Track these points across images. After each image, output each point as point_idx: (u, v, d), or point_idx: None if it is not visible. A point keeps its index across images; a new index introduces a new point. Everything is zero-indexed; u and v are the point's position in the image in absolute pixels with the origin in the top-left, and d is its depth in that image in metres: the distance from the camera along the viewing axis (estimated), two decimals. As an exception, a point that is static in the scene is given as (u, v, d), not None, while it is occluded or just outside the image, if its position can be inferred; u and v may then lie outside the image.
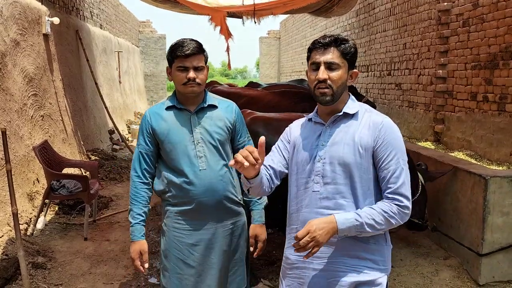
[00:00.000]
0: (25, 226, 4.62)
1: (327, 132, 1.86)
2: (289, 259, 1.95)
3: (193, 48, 2.15)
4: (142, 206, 2.27)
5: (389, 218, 1.74)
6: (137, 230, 2.26)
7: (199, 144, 2.21)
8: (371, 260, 1.83)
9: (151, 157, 2.29)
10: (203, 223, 2.26)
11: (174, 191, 2.24)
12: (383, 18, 8.47)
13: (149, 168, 2.30)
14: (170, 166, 2.24)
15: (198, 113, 2.25)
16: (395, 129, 1.84)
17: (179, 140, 2.21)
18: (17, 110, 5.21)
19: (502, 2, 5.09)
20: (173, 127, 2.23)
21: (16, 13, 5.56)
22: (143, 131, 2.29)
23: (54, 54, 7.00)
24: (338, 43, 1.80)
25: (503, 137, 5.05)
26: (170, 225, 2.30)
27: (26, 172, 5.10)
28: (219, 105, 2.31)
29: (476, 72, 5.58)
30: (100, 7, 11.28)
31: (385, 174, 1.79)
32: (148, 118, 2.29)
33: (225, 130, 2.27)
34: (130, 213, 2.29)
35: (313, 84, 1.81)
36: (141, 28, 20.37)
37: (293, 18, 18.06)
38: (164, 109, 2.27)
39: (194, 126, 2.23)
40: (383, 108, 8.31)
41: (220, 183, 2.23)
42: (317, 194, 1.83)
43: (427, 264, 4.02)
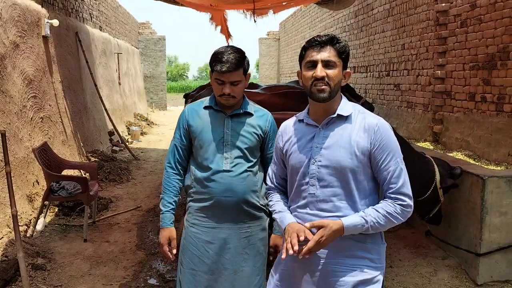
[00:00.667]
0: (24, 227, 4.64)
1: (321, 134, 1.85)
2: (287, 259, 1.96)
3: (231, 65, 2.18)
4: (173, 195, 2.37)
5: (393, 219, 1.78)
6: (167, 217, 2.35)
7: (227, 146, 2.28)
8: (368, 258, 1.84)
9: (184, 151, 2.39)
10: (220, 222, 2.32)
11: (197, 187, 2.33)
12: (381, 19, 8.50)
13: (182, 161, 2.40)
14: (198, 162, 2.33)
15: (232, 117, 2.32)
16: (389, 130, 1.85)
17: (210, 139, 2.30)
18: (16, 112, 5.22)
19: (500, 3, 5.11)
20: (207, 126, 2.31)
21: (15, 16, 5.58)
22: (179, 126, 2.39)
23: (54, 56, 7.01)
24: (334, 42, 1.81)
25: (501, 137, 5.06)
26: (190, 220, 2.38)
27: (25, 174, 5.11)
28: (255, 113, 2.37)
29: (474, 73, 5.60)
30: (99, 9, 11.31)
31: (385, 175, 1.80)
32: (186, 113, 2.38)
33: (255, 137, 2.33)
34: (161, 201, 2.38)
35: (309, 82, 1.80)
36: (141, 30, 20.40)
37: (293, 19, 18.09)
38: (202, 108, 2.36)
39: (227, 128, 2.30)
40: (382, 109, 8.33)
41: (240, 185, 2.28)
42: (313, 196, 1.85)
43: (425, 264, 4.03)
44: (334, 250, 1.82)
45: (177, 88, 38.41)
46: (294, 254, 1.75)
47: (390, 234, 4.69)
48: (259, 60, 24.80)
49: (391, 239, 4.58)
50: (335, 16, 11.65)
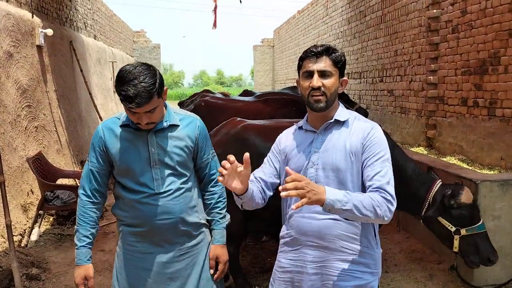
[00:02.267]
0: (19, 237, 4.61)
1: (319, 139, 1.91)
2: (281, 262, 1.98)
3: (141, 100, 1.88)
4: (90, 227, 2.12)
5: (375, 206, 1.69)
6: (82, 253, 2.10)
7: (155, 166, 2.06)
8: (363, 264, 1.87)
9: (102, 176, 2.13)
10: (157, 246, 2.11)
11: (128, 211, 2.12)
12: (374, 25, 8.57)
13: (100, 187, 2.14)
14: (125, 186, 2.10)
15: (156, 133, 2.07)
16: (383, 134, 1.91)
17: (134, 160, 2.06)
18: (10, 122, 5.22)
19: (490, 9, 5.18)
20: (128, 147, 2.06)
21: (9, 25, 5.59)
22: (95, 148, 2.11)
23: (48, 65, 7.02)
24: (329, 52, 1.87)
25: (494, 142, 5.11)
26: (123, 246, 2.16)
27: (20, 183, 5.10)
28: (181, 122, 2.13)
29: (466, 78, 5.66)
30: (94, 18, 11.33)
31: (370, 172, 1.80)
32: (101, 134, 2.10)
33: (185, 150, 2.11)
34: (76, 235, 2.12)
35: (306, 92, 1.86)
36: (136, 38, 20.45)
37: (287, 26, 18.20)
38: (119, 126, 2.08)
39: (152, 146, 2.06)
40: (376, 115, 8.37)
41: (176, 205, 2.08)
42: None
43: (421, 269, 4.04)
44: (330, 255, 1.86)
45: (173, 96, 38.41)
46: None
47: (385, 240, 4.70)
48: (253, 67, 24.89)
49: (386, 244, 4.59)
50: (329, 23, 11.74)
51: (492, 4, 5.15)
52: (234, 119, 3.48)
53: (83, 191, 2.13)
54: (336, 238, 1.85)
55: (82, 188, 2.14)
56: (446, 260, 4.11)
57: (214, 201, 2.26)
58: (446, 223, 3.13)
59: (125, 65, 1.97)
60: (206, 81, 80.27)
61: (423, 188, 3.23)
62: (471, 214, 3.13)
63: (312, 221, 1.86)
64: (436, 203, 3.15)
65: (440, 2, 6.25)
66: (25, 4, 6.43)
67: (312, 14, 13.72)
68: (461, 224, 3.11)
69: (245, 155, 1.72)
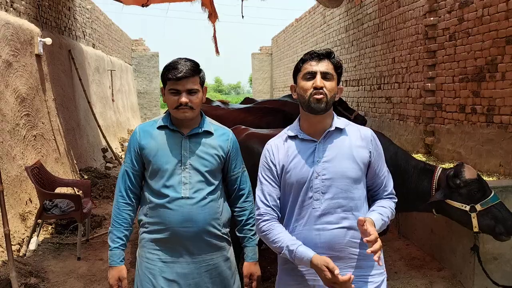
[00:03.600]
0: (17, 246, 4.59)
1: (321, 148, 1.87)
2: (287, 281, 1.93)
3: (187, 70, 2.00)
4: (124, 229, 2.13)
5: (393, 212, 1.96)
6: (115, 255, 2.12)
7: (186, 170, 2.06)
8: (372, 266, 1.89)
9: (137, 177, 2.14)
10: (178, 255, 2.08)
11: (151, 216, 2.10)
12: (371, 33, 8.62)
13: (134, 188, 2.14)
14: (153, 188, 2.09)
15: (191, 138, 2.10)
16: (378, 139, 2.00)
17: (166, 162, 2.06)
18: (9, 131, 5.21)
19: (487, 17, 5.22)
20: (162, 148, 2.08)
21: (8, 35, 5.61)
22: (130, 149, 2.15)
23: (47, 74, 7.03)
24: (331, 56, 1.89)
25: (492, 148, 5.12)
26: (143, 255, 2.14)
27: (18, 192, 5.08)
28: (215, 132, 2.15)
29: (463, 85, 5.68)
30: (92, 27, 11.38)
31: (382, 180, 1.99)
32: (137, 135, 2.14)
33: (216, 159, 2.12)
34: (109, 236, 2.14)
35: (308, 92, 1.83)
36: (134, 47, 20.50)
37: (284, 35, 18.29)
38: (156, 128, 2.12)
39: (185, 150, 2.07)
40: (375, 122, 8.39)
41: (201, 214, 2.06)
42: (317, 211, 1.85)
43: (421, 276, 4.03)
44: (341, 263, 1.83)
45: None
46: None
47: (385, 247, 4.69)
48: (252, 75, 24.96)
49: (386, 252, 4.59)
50: (326, 31, 11.80)
51: (489, 11, 5.19)
52: (238, 127, 3.47)
53: (119, 192, 2.14)
54: (346, 246, 1.85)
55: (118, 189, 2.15)
56: (446, 267, 4.11)
57: (245, 217, 2.23)
58: (459, 205, 3.07)
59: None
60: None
61: (425, 181, 3.23)
62: (480, 188, 3.06)
63: (322, 232, 1.84)
64: (441, 188, 3.13)
65: (437, 10, 6.30)
66: (24, 13, 6.46)
67: (309, 22, 13.79)
68: (473, 200, 3.05)
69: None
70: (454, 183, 3.06)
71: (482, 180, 3.14)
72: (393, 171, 3.23)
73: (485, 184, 3.13)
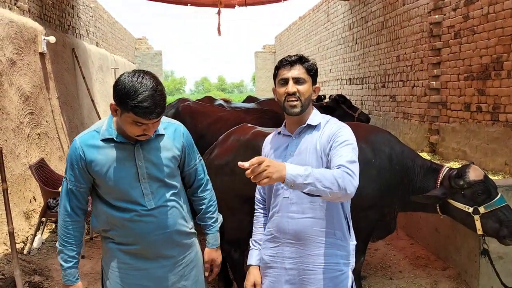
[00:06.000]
0: (21, 245, 4.60)
1: (294, 143, 2.03)
2: (263, 259, 2.09)
3: (159, 112, 1.82)
4: (75, 246, 2.02)
5: (337, 178, 1.69)
6: (71, 274, 2.02)
7: (144, 180, 1.95)
8: (338, 255, 1.99)
9: (83, 193, 2.01)
10: (151, 261, 2.03)
11: (118, 229, 2.00)
12: (376, 31, 8.58)
13: (81, 204, 2.02)
14: (111, 203, 1.98)
15: (142, 145, 1.96)
16: (350, 133, 1.96)
17: (122, 177, 1.93)
18: (13, 129, 5.22)
19: (492, 14, 5.18)
20: (114, 162, 1.93)
21: (12, 33, 5.61)
22: (73, 166, 1.96)
23: (50, 72, 7.04)
24: (302, 60, 2.01)
25: (498, 147, 5.09)
26: (114, 265, 2.04)
27: (22, 190, 5.09)
28: (166, 131, 2.04)
29: (469, 83, 5.65)
30: (96, 25, 11.39)
31: (335, 154, 1.85)
32: (80, 151, 1.94)
33: (173, 161, 2.03)
34: (60, 256, 2.02)
35: (282, 97, 1.99)
36: (137, 45, 20.54)
37: (288, 33, 18.25)
38: (100, 140, 1.95)
39: (139, 160, 1.95)
40: (379, 120, 8.36)
41: (169, 218, 2.01)
42: (287, 200, 1.99)
43: (425, 276, 4.01)
44: (306, 250, 1.97)
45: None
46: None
47: (389, 246, 4.67)
48: (255, 74, 24.95)
49: (390, 251, 4.57)
50: (330, 29, 11.77)
51: (494, 9, 5.16)
52: (244, 125, 3.46)
53: (64, 211, 2.01)
54: (311, 235, 1.96)
55: (63, 207, 2.01)
56: (451, 266, 4.08)
57: (205, 206, 2.22)
58: (462, 206, 2.99)
59: (125, 77, 1.84)
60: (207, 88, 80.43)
61: (431, 180, 3.17)
62: (485, 190, 2.97)
63: (290, 220, 1.97)
64: (443, 186, 3.07)
65: (442, 8, 6.26)
66: (28, 11, 6.46)
67: (313, 20, 13.76)
68: (477, 202, 2.96)
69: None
70: (456, 184, 2.99)
71: (488, 182, 3.04)
72: (400, 170, 3.23)
73: (492, 186, 3.03)
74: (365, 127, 3.42)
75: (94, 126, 2.02)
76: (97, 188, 2.01)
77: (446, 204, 3.11)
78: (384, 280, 3.95)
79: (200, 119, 4.96)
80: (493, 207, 2.96)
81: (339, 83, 10.97)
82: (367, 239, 3.29)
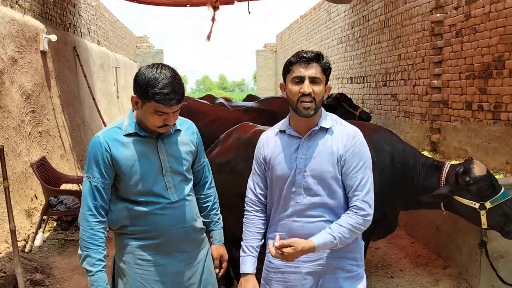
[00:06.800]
0: (23, 243, 4.61)
1: (304, 145, 1.92)
2: (273, 263, 2.04)
3: (179, 98, 1.88)
4: (102, 249, 1.98)
5: (356, 230, 1.86)
6: (100, 279, 1.96)
7: (167, 174, 2.00)
8: (352, 258, 1.98)
9: (107, 190, 1.98)
10: (170, 257, 2.05)
11: (138, 223, 2.01)
12: (377, 30, 8.57)
13: (105, 203, 1.98)
14: (133, 198, 1.99)
15: (163, 139, 2.02)
16: (364, 141, 1.94)
17: (147, 170, 1.96)
18: (15, 127, 5.23)
19: (494, 13, 5.17)
20: (139, 156, 1.96)
21: (13, 31, 5.61)
22: (98, 162, 1.93)
23: (52, 70, 7.04)
24: (320, 58, 1.88)
25: (499, 146, 5.08)
26: (131, 262, 2.04)
27: (24, 188, 5.10)
28: (181, 127, 2.10)
29: (470, 82, 5.64)
30: (97, 24, 11.39)
31: (353, 182, 1.89)
32: (105, 145, 1.94)
33: (190, 155, 2.10)
34: (86, 260, 1.94)
35: (295, 97, 1.86)
36: (139, 44, 20.53)
37: (289, 31, 18.24)
38: (123, 136, 1.97)
39: (162, 154, 2.00)
40: (380, 119, 8.35)
41: (189, 212, 2.07)
42: (300, 205, 1.93)
43: (426, 274, 4.01)
44: (322, 253, 1.94)
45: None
46: None
47: (390, 245, 4.67)
48: (256, 72, 24.93)
49: (391, 250, 4.57)
50: (331, 27, 11.75)
51: (496, 8, 5.14)
52: (245, 123, 3.47)
53: (88, 211, 1.95)
54: None
55: (87, 207, 1.95)
56: (452, 265, 4.08)
57: (211, 203, 2.27)
58: (468, 202, 3.01)
59: (144, 69, 1.90)
60: (208, 86, 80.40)
61: (434, 177, 3.17)
62: (489, 184, 3.00)
63: (304, 225, 1.92)
64: (449, 183, 3.07)
65: (444, 6, 6.25)
66: (29, 10, 6.46)
67: (314, 19, 13.74)
68: (483, 197, 2.98)
69: None
70: (463, 180, 2.99)
71: (492, 176, 3.08)
72: (402, 168, 3.22)
73: (495, 180, 3.07)
74: (367, 126, 3.42)
75: (115, 123, 2.05)
76: (117, 184, 2.01)
77: (451, 201, 3.12)
78: (385, 278, 3.95)
79: (199, 118, 4.99)
80: (498, 202, 2.99)
81: (340, 81, 10.96)
82: (368, 238, 3.29)
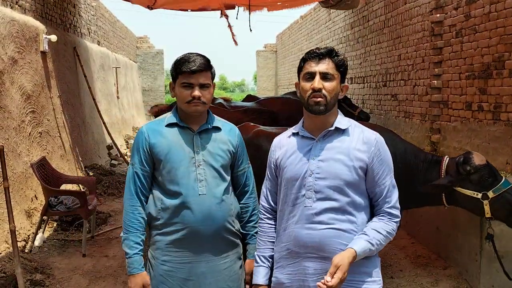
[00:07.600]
0: (23, 243, 4.61)
1: (318, 147, 1.84)
2: (279, 279, 1.91)
3: (200, 64, 2.00)
4: (140, 233, 2.04)
5: (390, 236, 1.84)
6: (136, 261, 2.02)
7: (200, 167, 2.03)
8: (365, 273, 1.83)
9: (147, 178, 2.08)
10: (197, 254, 2.04)
11: (167, 217, 2.03)
12: (377, 30, 8.57)
13: (145, 190, 2.08)
14: (166, 188, 2.04)
15: (201, 134, 2.08)
16: (385, 145, 1.89)
17: (180, 160, 2.03)
18: (15, 128, 5.23)
19: (494, 13, 5.16)
20: (174, 146, 2.04)
21: (13, 32, 5.61)
22: (139, 149, 2.06)
23: (52, 71, 7.04)
24: (332, 54, 1.82)
25: (499, 146, 5.08)
26: (159, 258, 2.07)
27: (24, 189, 5.10)
28: (223, 127, 2.15)
29: (470, 82, 5.63)
30: (97, 24, 11.39)
31: (382, 189, 1.84)
32: (145, 135, 2.07)
33: (227, 154, 2.11)
34: (125, 242, 2.03)
35: (307, 94, 1.80)
36: (139, 44, 20.52)
37: (289, 32, 18.24)
38: (164, 126, 2.08)
39: (197, 147, 2.05)
40: (380, 119, 8.35)
41: (219, 210, 2.04)
42: (309, 209, 1.81)
43: (426, 274, 4.01)
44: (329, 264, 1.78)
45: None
46: None
47: (390, 245, 4.67)
48: (256, 73, 24.92)
49: (391, 250, 4.57)
50: (331, 28, 11.75)
51: (496, 8, 5.14)
52: (247, 124, 3.47)
53: (129, 195, 2.06)
54: (336, 248, 1.78)
55: (129, 192, 2.06)
56: (452, 265, 4.08)
57: (249, 214, 2.22)
58: (470, 192, 3.01)
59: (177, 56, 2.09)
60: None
61: (434, 172, 3.19)
62: (490, 173, 3.01)
63: (312, 232, 1.80)
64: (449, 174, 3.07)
65: (444, 7, 6.24)
66: (29, 10, 6.47)
67: (314, 19, 13.74)
68: (485, 187, 2.99)
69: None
70: (464, 170, 3.00)
71: (492, 166, 3.09)
72: (403, 168, 3.23)
73: (495, 169, 3.08)
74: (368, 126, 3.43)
75: (161, 117, 2.17)
76: (155, 173, 2.09)
77: (453, 193, 3.11)
78: (385, 279, 3.93)
79: None
80: (501, 190, 2.99)
81: (341, 82, 10.95)
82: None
